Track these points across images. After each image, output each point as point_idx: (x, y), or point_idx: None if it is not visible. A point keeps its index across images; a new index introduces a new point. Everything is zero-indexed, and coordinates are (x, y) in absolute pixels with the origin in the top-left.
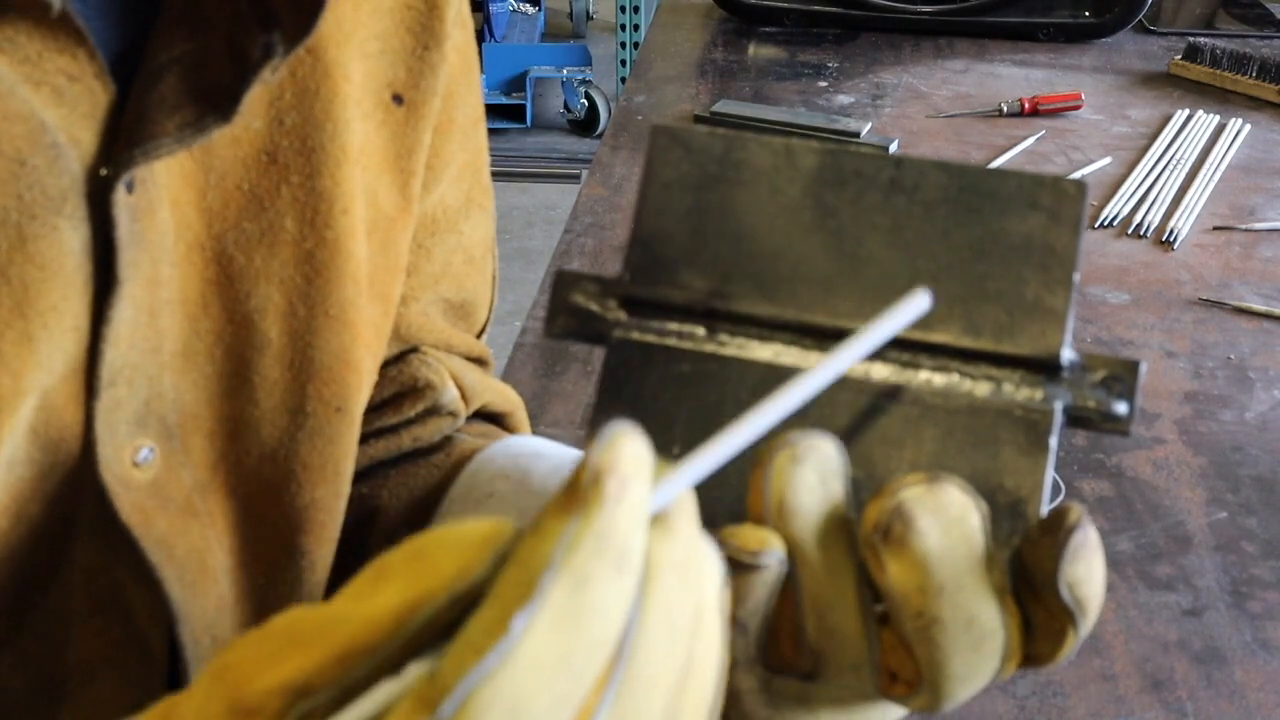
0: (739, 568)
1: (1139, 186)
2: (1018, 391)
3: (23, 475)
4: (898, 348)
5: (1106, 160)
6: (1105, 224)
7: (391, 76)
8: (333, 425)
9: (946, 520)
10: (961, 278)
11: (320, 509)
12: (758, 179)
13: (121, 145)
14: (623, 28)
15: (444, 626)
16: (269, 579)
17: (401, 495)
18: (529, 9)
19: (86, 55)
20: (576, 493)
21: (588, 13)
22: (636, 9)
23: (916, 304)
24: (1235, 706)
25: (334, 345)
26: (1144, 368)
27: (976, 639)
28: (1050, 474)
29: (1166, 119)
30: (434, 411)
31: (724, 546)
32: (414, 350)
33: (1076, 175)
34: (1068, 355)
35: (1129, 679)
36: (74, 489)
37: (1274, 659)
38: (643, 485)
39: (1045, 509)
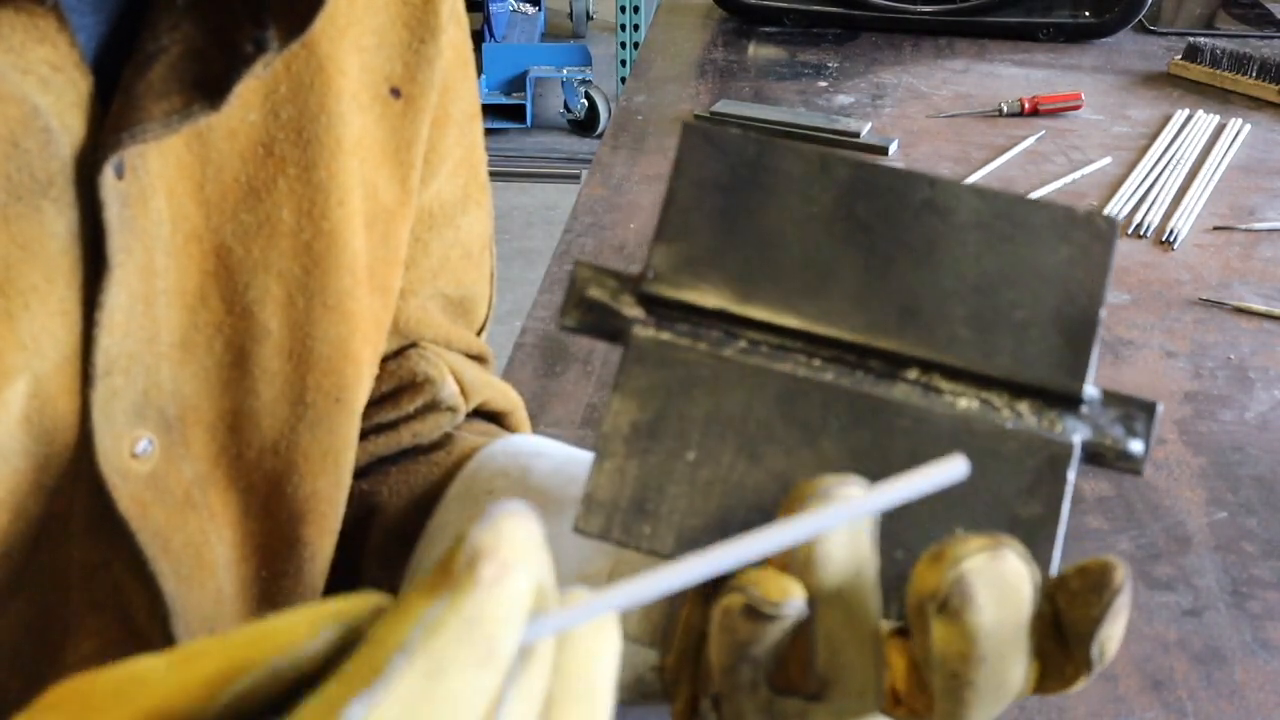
0: (758, 616)
1: (1139, 186)
2: (1038, 422)
3: (18, 467)
4: (920, 368)
5: (1106, 160)
6: None
7: (388, 70)
8: (332, 416)
9: (1003, 594)
10: (989, 303)
11: (321, 500)
12: (789, 186)
13: (109, 130)
14: (623, 28)
15: (270, 705)
16: (270, 571)
17: (401, 493)
18: (529, 9)
19: (67, 45)
20: (449, 572)
21: (588, 13)
22: (636, 9)
23: (952, 469)
24: (1235, 706)
25: (332, 336)
26: (1160, 408)
27: (1001, 695)
28: (1067, 506)
29: (1166, 119)
30: (433, 406)
31: (744, 593)
32: (413, 345)
33: (1076, 175)
34: (1089, 391)
35: (1129, 679)
36: (71, 482)
37: (1274, 659)
38: (525, 573)
39: (1059, 541)
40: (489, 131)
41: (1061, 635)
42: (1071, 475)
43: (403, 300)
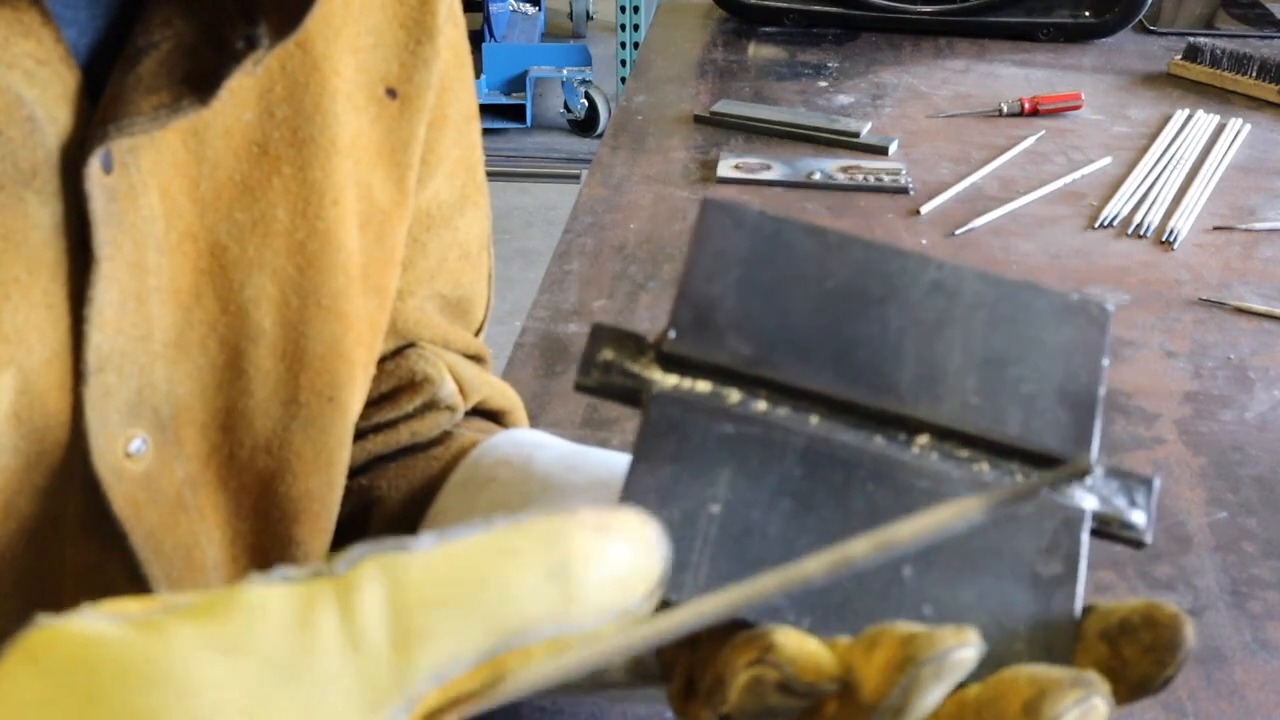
0: (792, 692)
1: (1139, 186)
2: (1049, 488)
3: (8, 465)
4: (936, 434)
5: (1106, 160)
6: (1105, 224)
7: (385, 71)
8: (325, 415)
9: None
10: (997, 376)
11: (314, 499)
12: (806, 262)
13: (96, 123)
14: (623, 28)
15: None
16: (263, 571)
17: (401, 486)
18: (529, 9)
19: (52, 39)
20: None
21: (588, 13)
22: (636, 9)
23: (967, 510)
24: (1235, 706)
25: (326, 335)
26: (1158, 483)
27: None
28: (1084, 565)
29: (1166, 119)
30: (432, 406)
31: (780, 670)
32: (411, 345)
33: (1076, 175)
34: (1095, 460)
35: None
36: (63, 482)
37: (1274, 659)
38: (631, 548)
39: (1080, 596)
40: (489, 131)
41: (1117, 674)
42: (1086, 538)
43: (400, 301)
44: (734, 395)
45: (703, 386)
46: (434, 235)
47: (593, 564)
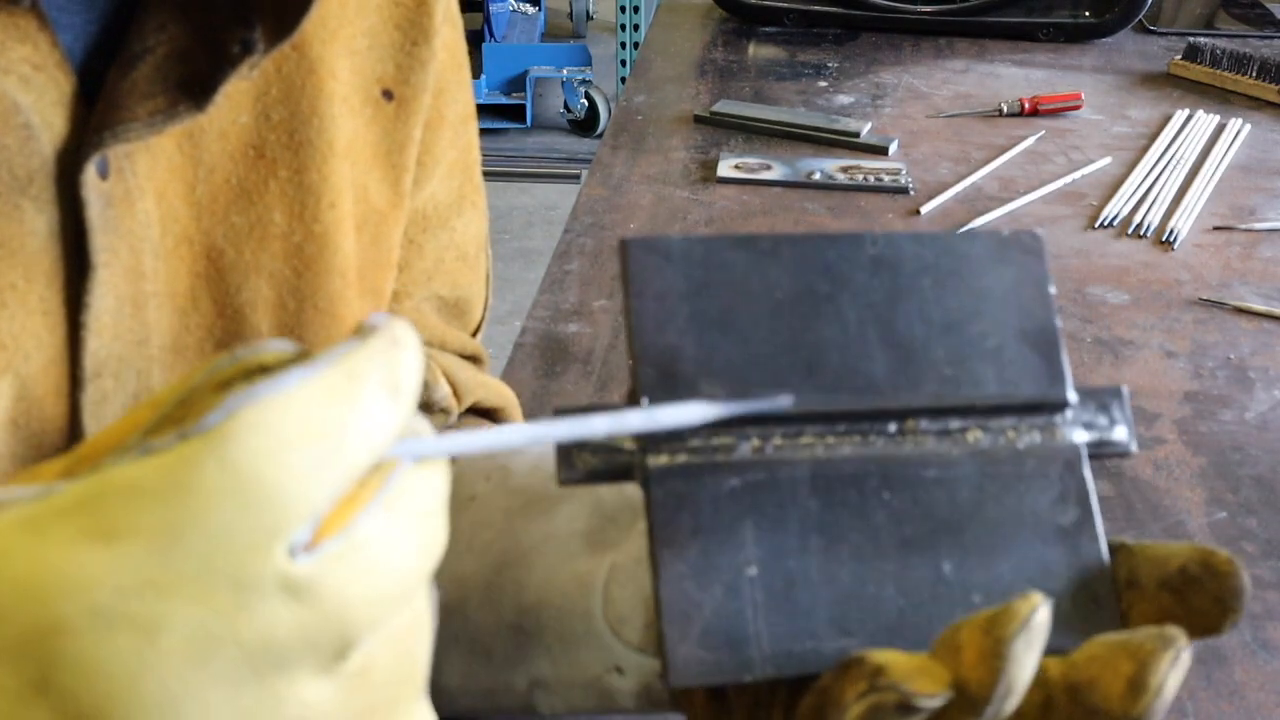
0: (912, 710)
1: (1139, 186)
2: (1041, 435)
3: (5, 470)
4: (926, 416)
5: (1106, 160)
6: (1105, 224)
7: (380, 72)
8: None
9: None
10: (961, 339)
11: None
12: (747, 277)
13: (91, 129)
14: (623, 28)
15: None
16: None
17: None
18: (529, 9)
19: (48, 44)
20: (358, 333)
21: (588, 13)
22: (636, 9)
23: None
24: (1235, 706)
25: (323, 338)
26: (1126, 391)
27: None
28: (1095, 500)
29: (1166, 119)
30: (426, 408)
31: (897, 690)
32: None
33: (1076, 175)
34: (1070, 395)
35: None
36: None
37: (1274, 659)
38: (415, 354)
39: (1102, 532)
40: (489, 131)
41: (1181, 624)
42: (1088, 473)
43: (396, 302)
44: (725, 443)
45: (693, 444)
46: (430, 237)
47: (405, 373)
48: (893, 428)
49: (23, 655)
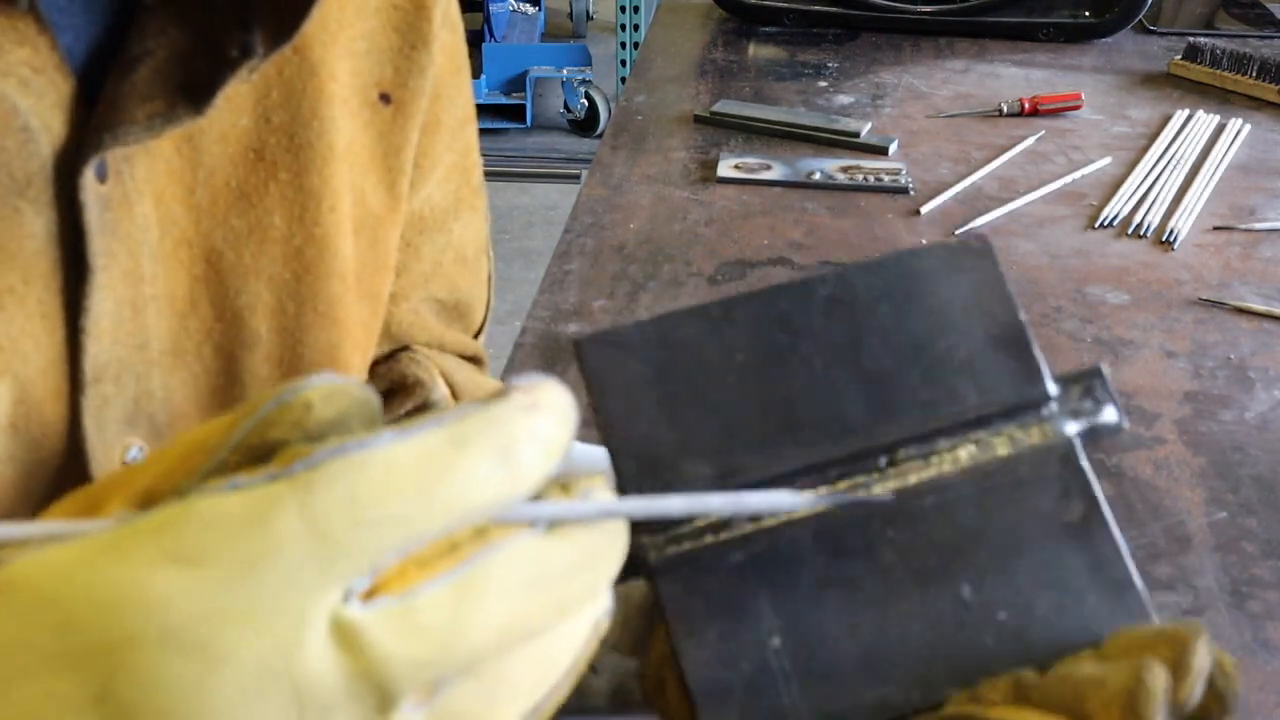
0: None
1: (1139, 186)
2: (1028, 435)
3: (5, 473)
4: (912, 444)
5: (1106, 160)
6: (1105, 224)
7: (379, 76)
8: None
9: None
10: (931, 358)
11: None
12: (705, 348)
13: (90, 132)
14: (623, 28)
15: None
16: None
17: None
18: (529, 9)
19: (48, 47)
20: (498, 392)
21: (588, 13)
22: (636, 9)
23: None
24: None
25: (322, 342)
26: (1106, 370)
27: None
28: (1099, 489)
29: (1166, 119)
30: (424, 409)
31: None
32: (405, 349)
33: (1076, 175)
34: (1050, 387)
35: None
36: (60, 489)
37: (1274, 659)
38: (554, 420)
39: (1112, 521)
40: (489, 131)
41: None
42: (1085, 463)
43: (394, 305)
44: (721, 521)
45: (686, 528)
46: (427, 239)
47: (529, 442)
48: (883, 462)
49: (88, 666)
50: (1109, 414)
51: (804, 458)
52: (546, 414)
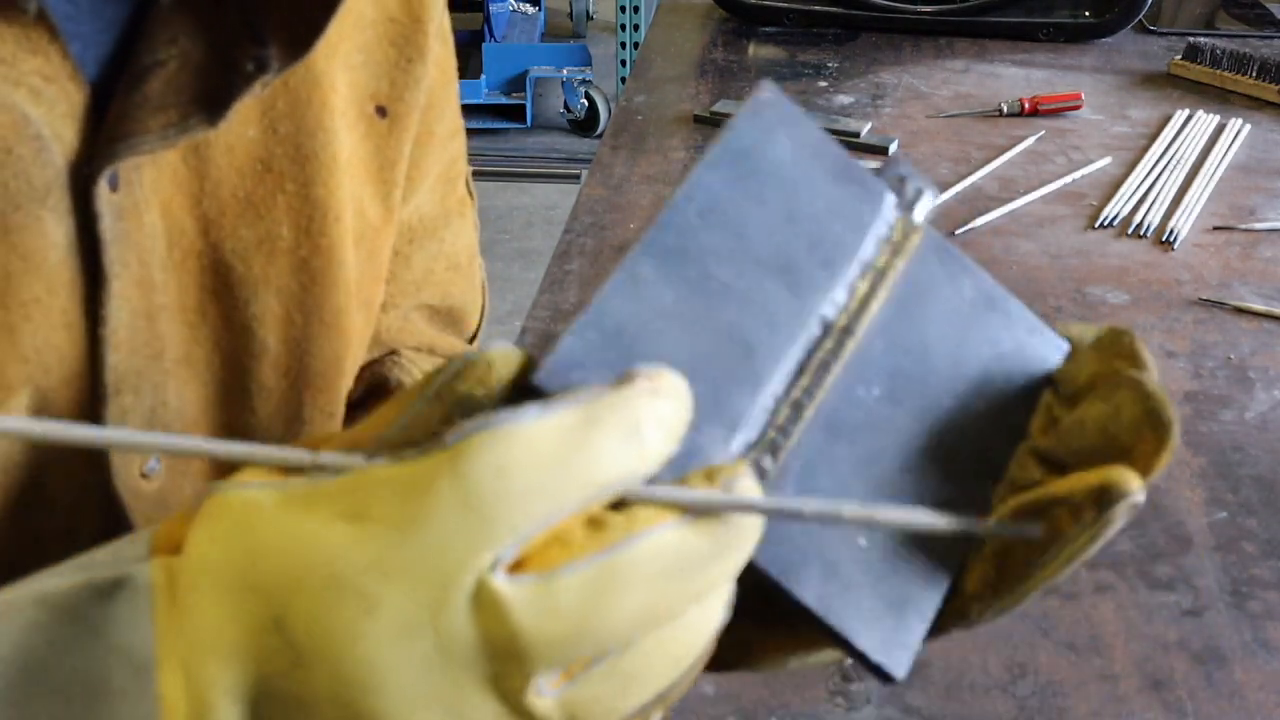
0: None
1: (1139, 186)
2: (903, 242)
3: (23, 482)
4: (840, 304)
5: (1106, 160)
6: (1105, 224)
7: (375, 89)
8: (327, 431)
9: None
10: (804, 221)
11: None
12: (639, 317)
13: (103, 141)
14: (623, 28)
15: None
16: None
17: None
18: (529, 9)
19: (60, 56)
20: (620, 377)
21: (588, 13)
22: (636, 9)
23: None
24: (1235, 706)
25: (328, 352)
26: (894, 148)
27: None
28: (971, 259)
29: (1166, 119)
30: None
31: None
32: (390, 353)
33: (1076, 175)
34: (888, 196)
35: (1129, 679)
36: (78, 499)
37: (1274, 659)
38: (674, 404)
39: (990, 275)
40: (489, 131)
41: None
42: (950, 244)
43: (383, 313)
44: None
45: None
46: (417, 248)
47: (653, 423)
48: (829, 345)
49: (268, 594)
50: (924, 182)
51: (775, 373)
52: (667, 398)
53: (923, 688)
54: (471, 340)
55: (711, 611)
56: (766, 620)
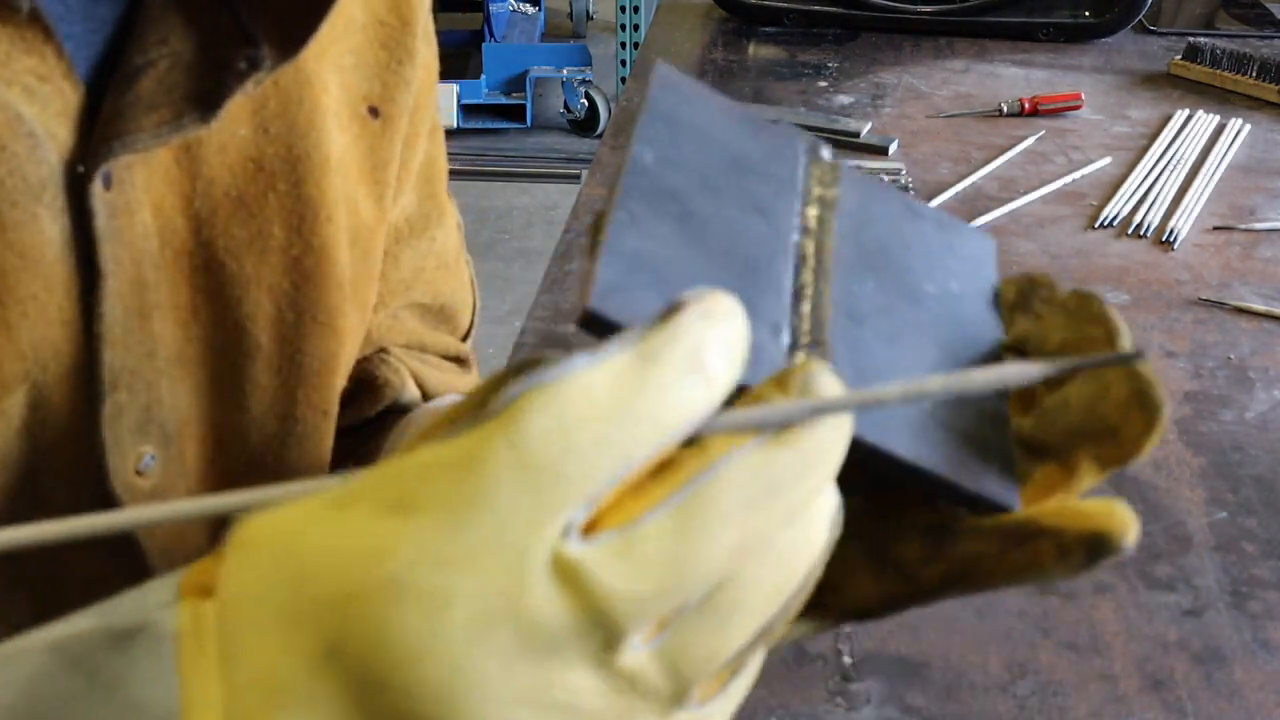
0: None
1: (1139, 186)
2: (827, 174)
3: (18, 478)
4: (803, 226)
5: (1106, 160)
6: (1105, 224)
7: (366, 90)
8: (320, 429)
9: None
10: (745, 167)
11: None
12: (649, 254)
13: (97, 139)
14: (623, 28)
15: None
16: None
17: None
18: (529, 9)
19: (54, 55)
20: (665, 312)
21: (588, 13)
22: (636, 9)
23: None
24: (1235, 706)
25: (321, 351)
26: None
27: None
28: (887, 184)
29: (1166, 119)
30: (394, 411)
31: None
32: (378, 351)
33: (1076, 175)
34: (803, 138)
35: (1129, 679)
36: (73, 496)
37: (1274, 659)
38: (733, 324)
39: (921, 203)
40: (489, 131)
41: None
42: (858, 172)
43: (373, 312)
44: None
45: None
46: (406, 247)
47: (714, 349)
48: (813, 254)
49: (319, 621)
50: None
51: (784, 280)
52: (724, 319)
53: (923, 688)
54: (465, 338)
55: (812, 530)
56: (874, 531)
